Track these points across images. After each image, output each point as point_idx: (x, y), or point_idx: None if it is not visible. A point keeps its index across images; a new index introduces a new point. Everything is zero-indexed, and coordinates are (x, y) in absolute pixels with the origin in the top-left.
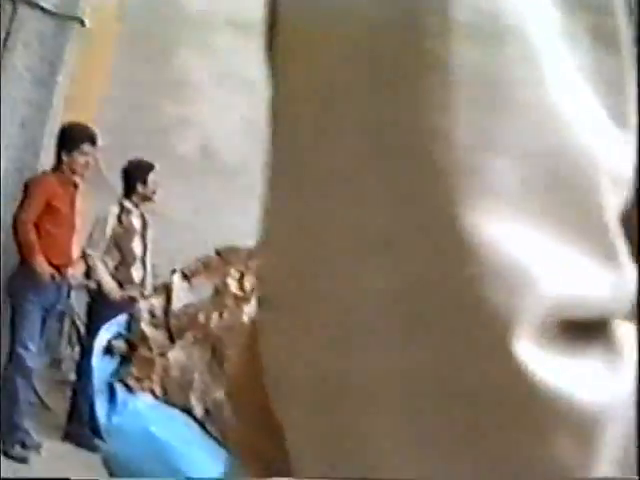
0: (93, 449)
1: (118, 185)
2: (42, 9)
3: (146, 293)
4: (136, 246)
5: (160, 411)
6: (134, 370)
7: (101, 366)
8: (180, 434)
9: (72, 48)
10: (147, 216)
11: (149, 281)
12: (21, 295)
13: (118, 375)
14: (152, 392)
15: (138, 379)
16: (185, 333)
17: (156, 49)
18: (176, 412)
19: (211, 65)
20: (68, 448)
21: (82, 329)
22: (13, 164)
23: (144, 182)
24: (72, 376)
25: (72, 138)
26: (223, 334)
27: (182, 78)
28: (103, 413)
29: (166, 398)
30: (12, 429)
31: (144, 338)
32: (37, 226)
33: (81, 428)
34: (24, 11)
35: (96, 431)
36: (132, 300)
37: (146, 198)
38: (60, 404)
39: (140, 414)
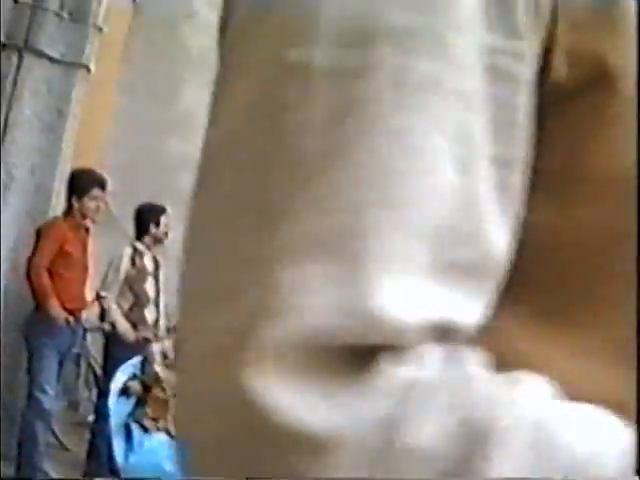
0: None
1: (129, 227)
2: (49, 58)
3: (160, 334)
4: (149, 287)
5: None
6: (149, 411)
7: (118, 407)
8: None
9: (78, 94)
10: (159, 258)
11: (162, 322)
12: (37, 339)
13: (134, 416)
14: (167, 432)
15: (153, 419)
16: None
17: (161, 89)
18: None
19: None
20: None
21: (99, 371)
22: (24, 209)
23: (157, 224)
24: (90, 417)
25: (82, 184)
26: None
27: (187, 117)
28: (120, 452)
29: None
30: (32, 471)
31: (157, 379)
32: (50, 271)
33: (100, 468)
34: (30, 59)
35: (114, 471)
36: (146, 341)
37: (158, 240)
38: (78, 445)
39: (155, 453)
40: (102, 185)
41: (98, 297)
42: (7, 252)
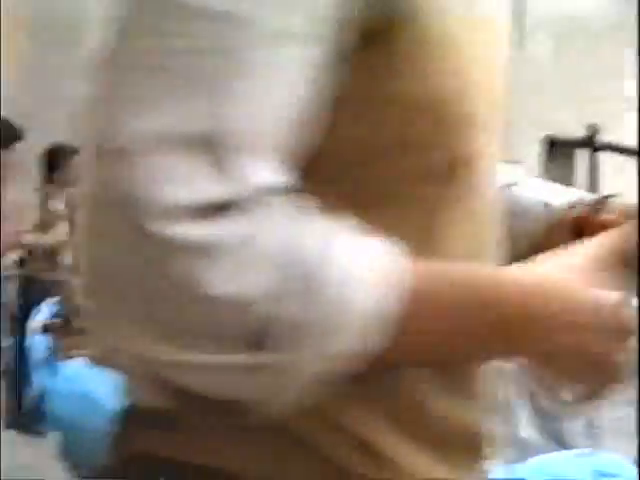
0: (37, 434)
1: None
2: None
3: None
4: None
5: (92, 372)
6: (68, 341)
7: (35, 346)
8: (111, 388)
9: None
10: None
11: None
12: None
13: (53, 348)
14: (88, 357)
15: (74, 348)
16: None
17: (66, 30)
18: (108, 371)
19: None
20: (14, 435)
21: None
22: None
23: (66, 165)
24: (12, 366)
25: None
26: None
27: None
28: (43, 381)
29: (98, 361)
30: None
31: (77, 310)
32: None
33: (22, 415)
34: None
35: (38, 418)
36: (62, 284)
37: (70, 182)
38: (4, 394)
39: (75, 376)
40: (21, 138)
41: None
42: None
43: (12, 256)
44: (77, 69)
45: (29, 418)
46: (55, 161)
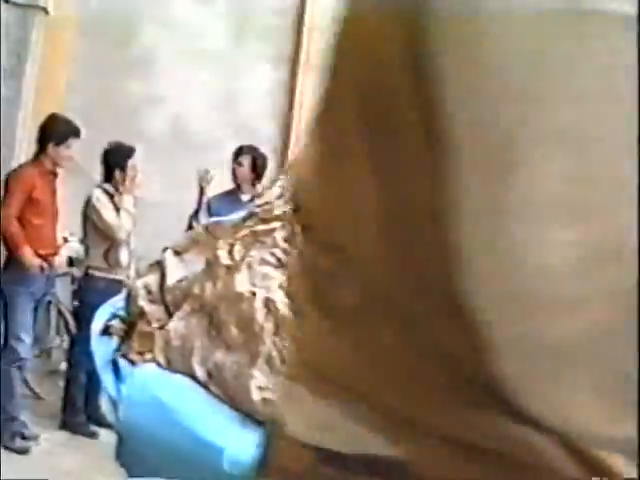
0: (90, 435)
1: (92, 171)
2: (5, 0)
3: (131, 275)
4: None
5: (165, 378)
6: (135, 345)
7: (100, 347)
8: (186, 396)
9: (37, 37)
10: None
11: (132, 263)
12: (11, 288)
13: (120, 351)
14: (156, 363)
15: (140, 352)
16: (182, 305)
17: (119, 29)
18: (180, 377)
19: (175, 40)
20: (66, 436)
21: (69, 318)
22: None
23: (125, 165)
24: (62, 365)
25: (59, 131)
26: (218, 302)
27: (146, 58)
28: (112, 388)
29: (169, 366)
30: (10, 422)
31: (142, 314)
32: (20, 219)
33: (76, 416)
34: None
35: (92, 418)
36: (119, 284)
37: (129, 181)
38: (53, 394)
39: (147, 383)
40: (78, 134)
41: (65, 241)
42: None
43: (64, 254)
44: (129, 68)
45: (82, 419)
46: (114, 159)
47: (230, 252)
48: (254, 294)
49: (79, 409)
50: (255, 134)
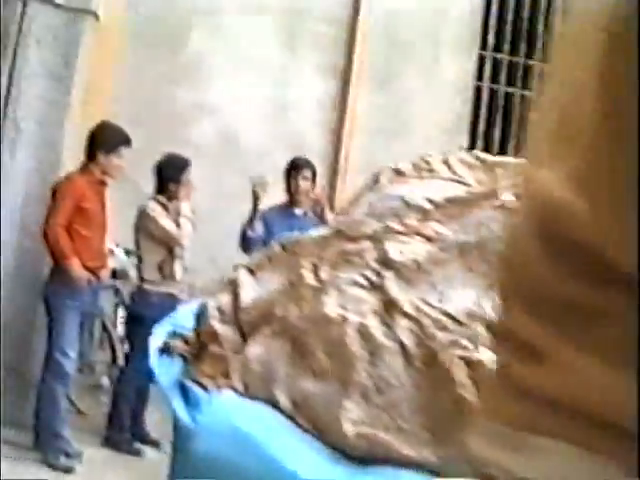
0: (135, 454)
1: (140, 181)
2: (53, 4)
3: (184, 288)
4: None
5: (246, 406)
6: (205, 368)
7: (162, 367)
8: (268, 426)
9: (86, 42)
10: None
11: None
12: (58, 301)
13: (187, 374)
14: (232, 389)
15: (212, 377)
16: (259, 327)
17: (168, 36)
18: (261, 406)
19: (225, 48)
20: (109, 454)
21: (113, 332)
22: (34, 165)
23: (180, 177)
24: (105, 381)
25: (110, 139)
26: (303, 325)
27: (196, 64)
28: (185, 414)
29: (247, 392)
30: (53, 439)
31: (214, 335)
32: (68, 230)
33: (121, 433)
34: (35, 7)
35: (136, 435)
36: (171, 297)
37: (182, 192)
38: (93, 409)
39: (227, 412)
40: (129, 143)
41: (111, 253)
42: (16, 210)
43: (109, 267)
44: (178, 75)
45: (128, 437)
46: (168, 172)
47: (315, 272)
48: (345, 319)
49: (125, 426)
50: (305, 145)
